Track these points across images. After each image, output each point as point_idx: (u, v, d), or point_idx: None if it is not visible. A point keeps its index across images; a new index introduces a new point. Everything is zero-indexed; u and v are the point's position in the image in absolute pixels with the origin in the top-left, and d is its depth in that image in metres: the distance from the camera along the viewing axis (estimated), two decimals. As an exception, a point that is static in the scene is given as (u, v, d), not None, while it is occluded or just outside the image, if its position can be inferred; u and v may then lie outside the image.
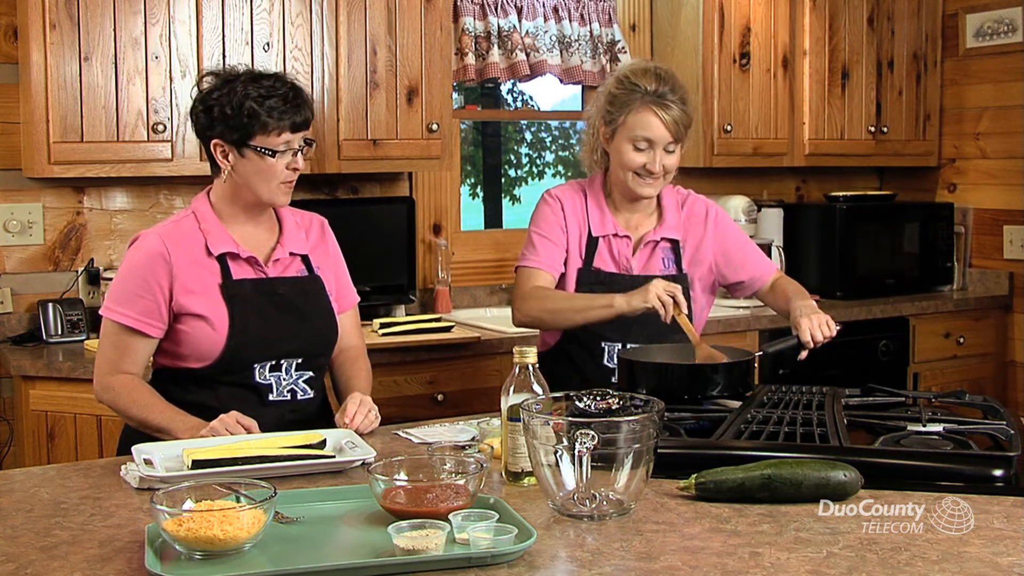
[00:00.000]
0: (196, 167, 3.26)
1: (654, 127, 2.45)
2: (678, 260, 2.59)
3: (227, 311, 2.22)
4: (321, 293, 2.34)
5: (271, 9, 3.33)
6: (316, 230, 2.42)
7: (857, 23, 4.39)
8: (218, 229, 2.26)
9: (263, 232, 2.32)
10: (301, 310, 2.29)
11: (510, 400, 1.82)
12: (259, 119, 2.17)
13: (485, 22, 3.94)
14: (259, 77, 2.23)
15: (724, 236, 2.63)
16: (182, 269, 2.22)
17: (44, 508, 1.74)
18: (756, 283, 2.67)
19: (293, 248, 2.33)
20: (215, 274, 2.24)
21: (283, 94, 2.20)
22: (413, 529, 1.51)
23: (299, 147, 2.24)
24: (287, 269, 2.32)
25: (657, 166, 2.47)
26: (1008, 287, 4.45)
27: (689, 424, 2.12)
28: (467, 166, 4.52)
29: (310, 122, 2.25)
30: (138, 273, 2.22)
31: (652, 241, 2.58)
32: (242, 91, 2.19)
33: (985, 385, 4.28)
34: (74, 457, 2.97)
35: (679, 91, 2.48)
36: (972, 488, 1.76)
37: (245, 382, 2.24)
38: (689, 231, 2.61)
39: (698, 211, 2.63)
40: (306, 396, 2.30)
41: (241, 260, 2.26)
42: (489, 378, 3.37)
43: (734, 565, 1.46)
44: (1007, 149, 4.45)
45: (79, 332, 3.32)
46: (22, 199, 3.38)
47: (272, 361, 2.25)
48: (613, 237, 2.57)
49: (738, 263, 2.64)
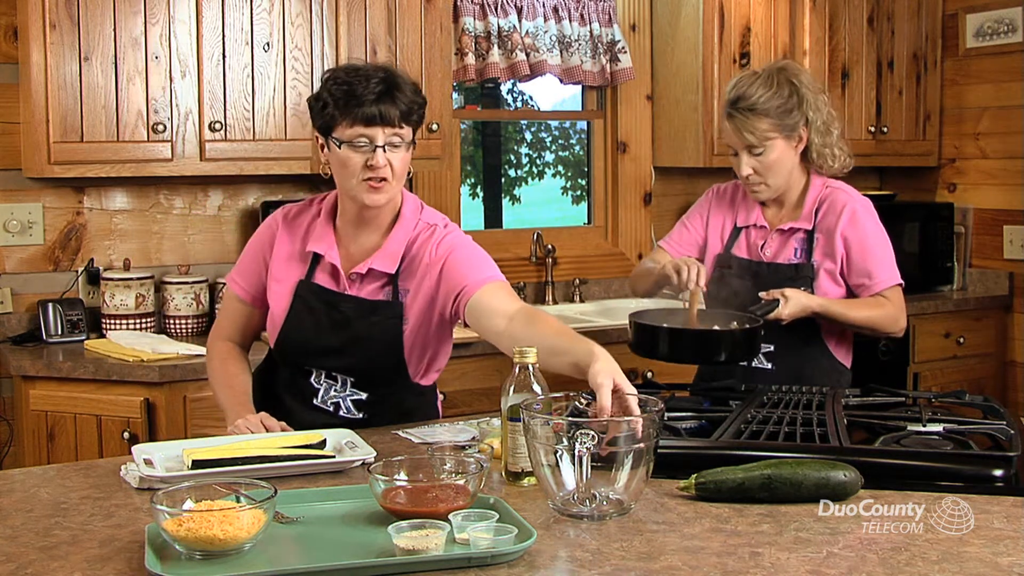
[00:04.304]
0: (196, 167, 3.26)
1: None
2: (809, 250, 2.62)
3: (288, 308, 2.24)
4: (392, 321, 2.19)
5: (271, 9, 3.33)
6: (422, 242, 2.21)
7: (857, 23, 4.39)
8: (325, 226, 2.25)
9: (367, 239, 2.23)
10: (359, 333, 2.20)
11: (510, 400, 1.82)
12: (328, 109, 2.12)
13: (485, 22, 3.94)
14: (352, 69, 2.14)
15: (853, 231, 2.61)
16: (278, 254, 2.28)
17: (44, 508, 1.74)
18: (862, 292, 2.61)
19: (378, 265, 2.20)
20: (300, 270, 2.25)
21: (357, 86, 2.09)
22: (413, 529, 1.51)
23: (382, 144, 2.10)
24: (368, 287, 2.22)
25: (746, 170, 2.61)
26: (1008, 287, 4.45)
27: (689, 424, 2.12)
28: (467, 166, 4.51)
29: (393, 118, 2.09)
30: (254, 244, 2.34)
31: (784, 231, 2.65)
32: (329, 82, 2.14)
33: (985, 385, 4.28)
34: (74, 457, 2.97)
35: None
36: (972, 488, 1.76)
37: (299, 379, 2.28)
38: (823, 222, 2.62)
39: (838, 202, 2.63)
40: (350, 415, 2.26)
41: (327, 265, 2.23)
42: (489, 378, 3.37)
43: (734, 565, 1.46)
44: (1007, 149, 4.45)
45: (79, 332, 3.32)
46: (22, 199, 3.38)
47: (325, 370, 2.26)
48: (754, 228, 2.69)
49: (856, 264, 2.61)
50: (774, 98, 2.53)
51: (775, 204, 2.69)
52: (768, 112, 2.53)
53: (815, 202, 2.64)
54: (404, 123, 2.12)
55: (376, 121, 2.09)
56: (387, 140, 2.11)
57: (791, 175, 2.62)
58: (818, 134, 2.59)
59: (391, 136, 2.11)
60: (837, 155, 2.65)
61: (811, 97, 2.57)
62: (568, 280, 4.22)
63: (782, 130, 2.55)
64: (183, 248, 3.58)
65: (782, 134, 2.55)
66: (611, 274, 4.35)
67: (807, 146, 2.60)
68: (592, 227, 4.45)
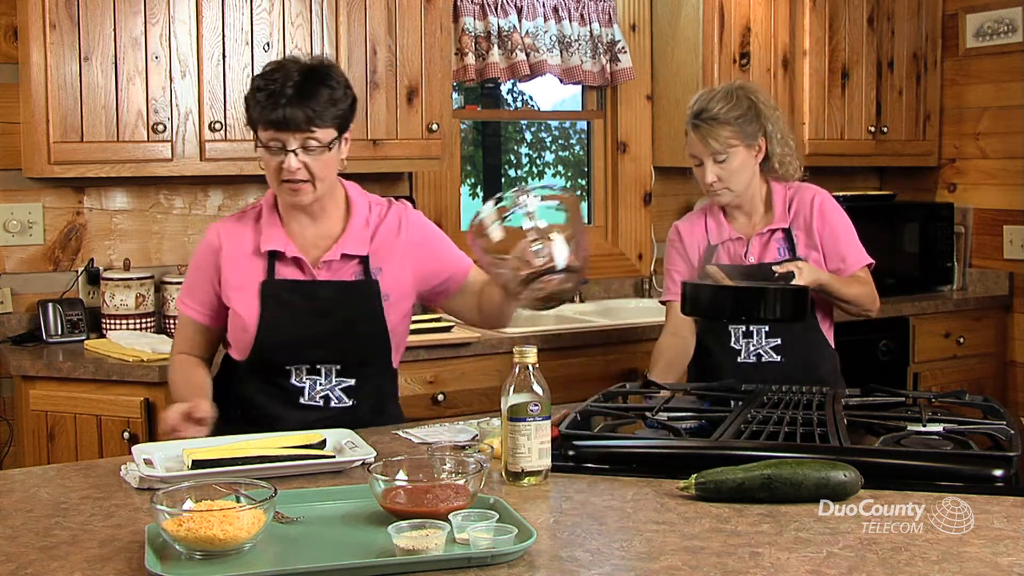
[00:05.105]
0: (196, 167, 3.26)
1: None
2: (792, 247, 2.76)
3: (259, 311, 2.20)
4: (372, 299, 2.23)
5: (271, 9, 3.33)
6: (390, 222, 2.29)
7: (857, 23, 4.39)
8: (273, 225, 2.23)
9: (322, 230, 2.25)
10: (343, 316, 2.21)
11: (510, 400, 1.82)
12: (249, 110, 2.15)
13: (485, 22, 3.94)
14: (276, 67, 2.15)
15: (824, 221, 2.78)
16: (229, 263, 2.23)
17: (44, 508, 1.74)
18: (839, 275, 2.74)
19: (348, 249, 2.23)
20: (260, 272, 2.23)
21: (273, 89, 2.09)
22: (413, 529, 1.51)
23: (294, 148, 2.10)
24: (339, 272, 2.23)
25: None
26: (1008, 287, 4.45)
27: (689, 424, 2.12)
28: (467, 166, 4.51)
29: (301, 123, 2.09)
30: (195, 264, 2.31)
31: (763, 234, 2.78)
32: (256, 81, 2.15)
33: (985, 385, 4.28)
34: (74, 457, 2.97)
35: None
36: (972, 488, 1.76)
37: (278, 382, 2.23)
38: (797, 218, 2.79)
39: (805, 198, 2.80)
40: (341, 404, 2.25)
41: (288, 260, 2.22)
42: (489, 378, 3.37)
43: (734, 565, 1.46)
44: (1007, 149, 4.45)
45: (79, 332, 3.32)
46: (22, 199, 3.38)
47: (307, 365, 2.23)
48: (730, 242, 2.81)
49: (831, 249, 2.77)
50: (734, 109, 2.71)
51: (742, 215, 2.82)
52: (729, 121, 2.70)
53: (785, 202, 2.80)
54: (317, 126, 2.11)
55: (285, 126, 2.09)
56: (300, 144, 2.11)
57: (752, 182, 2.77)
58: (778, 144, 2.77)
59: (304, 140, 2.11)
60: (796, 164, 2.84)
61: (768, 111, 2.76)
62: (568, 280, 4.21)
63: (743, 138, 2.71)
64: (183, 248, 3.58)
65: (743, 142, 2.71)
66: (611, 274, 4.35)
67: (768, 155, 2.76)
68: (592, 227, 4.45)
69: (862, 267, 2.79)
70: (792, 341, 2.72)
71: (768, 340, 2.72)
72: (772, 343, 2.72)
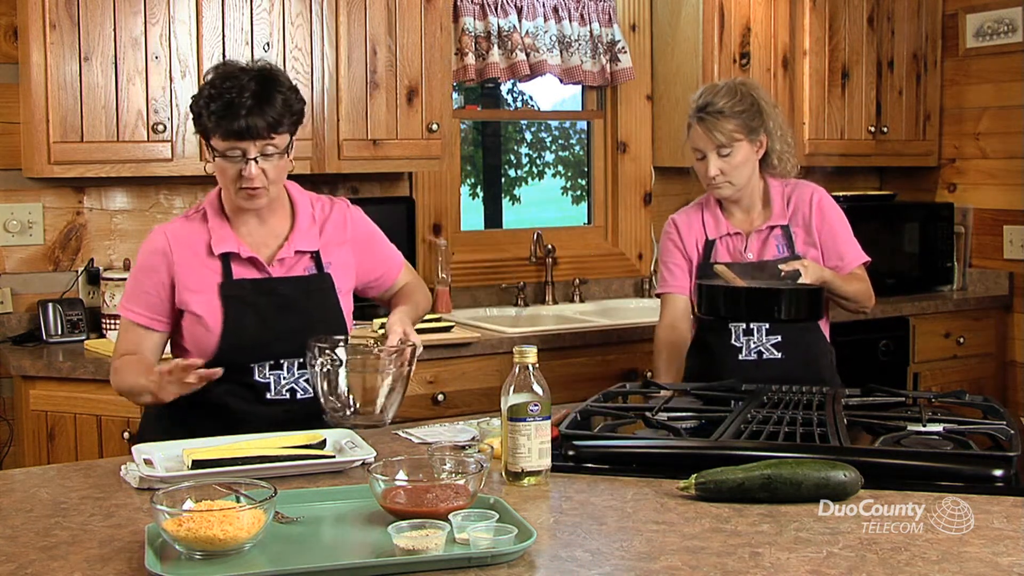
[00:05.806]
0: (196, 167, 3.26)
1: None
2: (790, 244, 2.77)
3: (222, 312, 2.22)
4: (328, 292, 2.30)
5: (271, 9, 3.33)
6: (335, 219, 2.35)
7: (857, 23, 4.39)
8: (222, 228, 2.25)
9: (270, 229, 2.29)
10: (303, 310, 2.26)
11: (510, 400, 1.82)
12: (202, 119, 2.15)
13: (485, 22, 3.94)
14: (226, 76, 2.15)
15: (823, 219, 2.80)
16: (183, 267, 2.23)
17: (44, 508, 1.74)
18: (837, 272, 2.74)
19: (300, 246, 2.28)
20: (216, 273, 2.24)
21: (228, 99, 2.10)
22: (413, 529, 1.51)
23: (254, 156, 2.13)
24: (293, 268, 2.29)
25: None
26: (1008, 287, 4.45)
27: (689, 424, 2.12)
28: (467, 166, 4.51)
29: (262, 131, 2.11)
30: (143, 270, 2.27)
31: (762, 231, 2.79)
32: (205, 89, 2.15)
33: (985, 385, 4.28)
34: (74, 457, 2.97)
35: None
36: (972, 488, 1.76)
37: (243, 380, 2.24)
38: (796, 215, 2.80)
39: (804, 195, 2.82)
40: (307, 395, 2.27)
41: (243, 260, 2.25)
42: (489, 378, 3.37)
43: (734, 565, 1.47)
44: (1007, 149, 4.45)
45: (79, 332, 3.32)
46: (22, 199, 3.38)
47: (271, 361, 2.25)
48: (728, 237, 2.81)
49: (829, 247, 2.79)
50: (738, 104, 2.72)
51: (740, 210, 2.82)
52: (734, 115, 2.71)
53: (783, 198, 2.82)
54: (276, 133, 2.14)
55: (247, 135, 2.12)
56: (260, 151, 2.14)
57: (752, 178, 2.78)
58: (778, 141, 2.79)
59: (263, 147, 2.14)
60: (794, 162, 2.85)
61: (769, 108, 2.78)
62: (568, 280, 4.22)
63: (747, 132, 2.72)
64: (183, 248, 3.58)
65: (747, 136, 2.72)
66: (611, 274, 4.35)
67: (768, 152, 2.77)
68: (592, 227, 4.45)
69: (859, 264, 2.80)
70: (792, 338, 2.72)
71: (769, 337, 2.72)
72: (773, 340, 2.72)
